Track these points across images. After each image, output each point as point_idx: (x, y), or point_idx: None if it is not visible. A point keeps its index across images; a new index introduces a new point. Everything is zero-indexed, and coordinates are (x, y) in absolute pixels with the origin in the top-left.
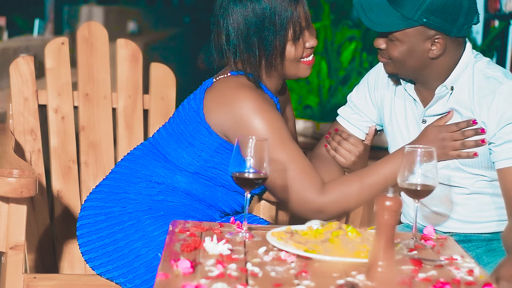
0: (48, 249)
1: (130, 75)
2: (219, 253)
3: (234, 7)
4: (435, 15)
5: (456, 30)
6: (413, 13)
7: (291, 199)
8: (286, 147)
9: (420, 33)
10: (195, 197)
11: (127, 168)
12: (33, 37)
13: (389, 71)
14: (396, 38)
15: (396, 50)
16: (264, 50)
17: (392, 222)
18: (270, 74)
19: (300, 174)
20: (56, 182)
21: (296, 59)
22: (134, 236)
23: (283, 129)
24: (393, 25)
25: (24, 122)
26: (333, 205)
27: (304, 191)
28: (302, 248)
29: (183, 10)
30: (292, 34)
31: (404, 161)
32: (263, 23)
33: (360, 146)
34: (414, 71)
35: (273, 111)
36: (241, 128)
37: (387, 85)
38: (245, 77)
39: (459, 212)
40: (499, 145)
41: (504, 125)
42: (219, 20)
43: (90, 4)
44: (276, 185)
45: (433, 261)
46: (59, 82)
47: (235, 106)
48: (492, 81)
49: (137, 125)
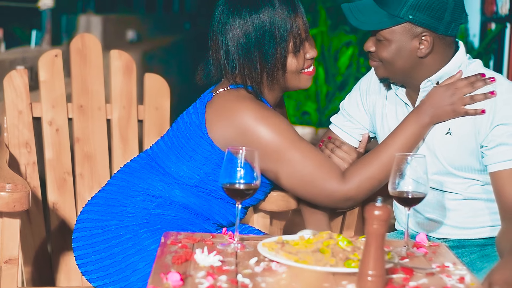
0: (44, 262)
1: (124, 86)
2: (210, 265)
3: (233, 22)
4: (420, 11)
5: (443, 27)
6: (399, 10)
7: (316, 194)
8: (297, 146)
9: (407, 30)
10: (192, 211)
11: (124, 180)
12: (30, 49)
13: (380, 75)
14: (384, 37)
15: (385, 50)
16: (265, 63)
17: (382, 231)
18: (272, 87)
19: (317, 167)
20: (51, 194)
21: (297, 70)
22: (131, 250)
23: (290, 130)
24: (380, 23)
25: (19, 135)
26: (358, 190)
27: (326, 183)
28: (293, 258)
29: (184, 16)
30: (292, 46)
31: (395, 168)
32: (263, 36)
33: (353, 153)
34: (404, 72)
35: (275, 115)
36: (247, 139)
37: (378, 91)
38: (245, 90)
39: (452, 218)
40: (491, 148)
41: (495, 126)
42: (217, 36)
43: (88, 14)
44: (297, 187)
45: (424, 269)
46: (53, 95)
47: (238, 118)
48: None
49: (132, 136)
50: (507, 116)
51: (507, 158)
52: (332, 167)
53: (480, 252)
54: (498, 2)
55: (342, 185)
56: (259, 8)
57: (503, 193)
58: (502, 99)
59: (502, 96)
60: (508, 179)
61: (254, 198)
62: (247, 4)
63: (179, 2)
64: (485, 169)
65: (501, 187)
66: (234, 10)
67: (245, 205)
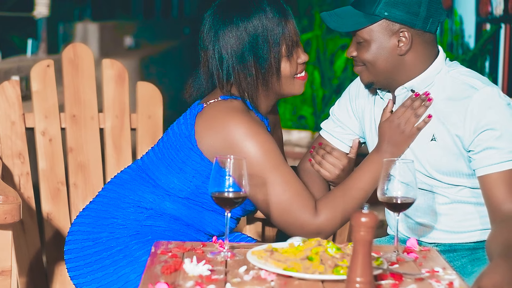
0: (39, 272)
1: (117, 95)
2: (199, 274)
3: (224, 29)
4: (395, 7)
5: (421, 22)
6: (374, 8)
7: (289, 223)
8: (279, 170)
9: (385, 28)
10: (183, 222)
11: (114, 192)
12: (26, 58)
13: (365, 80)
14: (363, 38)
15: (366, 52)
16: (260, 68)
17: (369, 238)
18: (267, 94)
19: (295, 196)
20: (45, 204)
21: (291, 75)
22: (122, 261)
23: (276, 152)
24: (357, 24)
25: (12, 145)
26: (330, 224)
27: (301, 213)
28: (282, 266)
29: (183, 21)
30: (286, 50)
31: (383, 174)
32: (256, 41)
33: (344, 159)
34: (387, 73)
35: (265, 133)
36: (234, 153)
37: (367, 96)
38: (236, 101)
39: (443, 222)
40: (478, 152)
41: (481, 132)
42: (208, 46)
43: (85, 21)
44: (272, 210)
45: (413, 275)
46: (45, 105)
47: (227, 130)
48: (467, 88)
49: (125, 145)
50: (493, 121)
51: (494, 161)
52: (309, 198)
53: (471, 255)
54: (493, 2)
55: (314, 218)
56: (250, 14)
57: (492, 196)
58: (487, 104)
59: (485, 100)
60: (496, 183)
61: (245, 209)
62: (237, 11)
63: (178, 7)
64: (473, 173)
65: (490, 190)
66: (225, 18)
67: (236, 215)
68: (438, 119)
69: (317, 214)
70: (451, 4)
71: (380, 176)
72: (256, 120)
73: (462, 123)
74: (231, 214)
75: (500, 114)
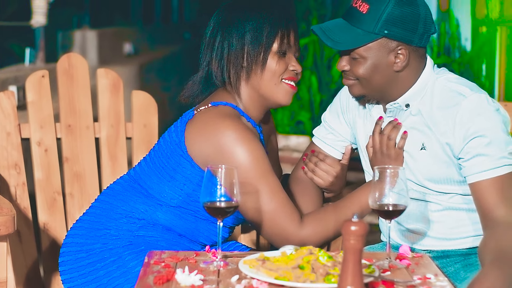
0: (36, 282)
1: (112, 104)
2: (191, 284)
3: (228, 29)
4: (395, 25)
5: (417, 39)
6: (374, 26)
7: (274, 233)
8: (267, 180)
9: (383, 46)
10: (176, 232)
11: (107, 203)
12: (24, 67)
13: (356, 93)
14: (359, 55)
15: (360, 68)
16: (248, 56)
17: (359, 246)
18: (250, 89)
19: (281, 206)
20: (42, 214)
21: (276, 74)
22: (116, 272)
23: (265, 161)
24: (356, 41)
25: (8, 156)
26: (313, 238)
27: (286, 224)
28: (273, 275)
29: (183, 26)
30: (278, 46)
31: (374, 182)
32: (255, 29)
33: (337, 166)
34: (380, 88)
35: (255, 141)
36: (223, 158)
37: (357, 104)
38: (226, 106)
39: (435, 229)
40: (468, 159)
41: (471, 139)
42: (211, 45)
43: (84, 29)
44: (258, 219)
45: (405, 282)
46: (41, 115)
47: (217, 136)
48: (455, 95)
49: (121, 154)
50: (483, 128)
51: (485, 168)
52: (294, 210)
53: (464, 261)
54: (489, 5)
55: (299, 230)
56: (254, 14)
57: (483, 203)
58: (475, 111)
59: (473, 108)
60: (487, 189)
61: (237, 218)
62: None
63: (178, 12)
64: (464, 180)
65: (481, 197)
66: (229, 18)
67: (229, 224)
68: (428, 127)
69: (302, 227)
70: (448, 7)
71: (371, 184)
72: (247, 126)
73: (451, 131)
74: (224, 223)
75: (489, 121)
